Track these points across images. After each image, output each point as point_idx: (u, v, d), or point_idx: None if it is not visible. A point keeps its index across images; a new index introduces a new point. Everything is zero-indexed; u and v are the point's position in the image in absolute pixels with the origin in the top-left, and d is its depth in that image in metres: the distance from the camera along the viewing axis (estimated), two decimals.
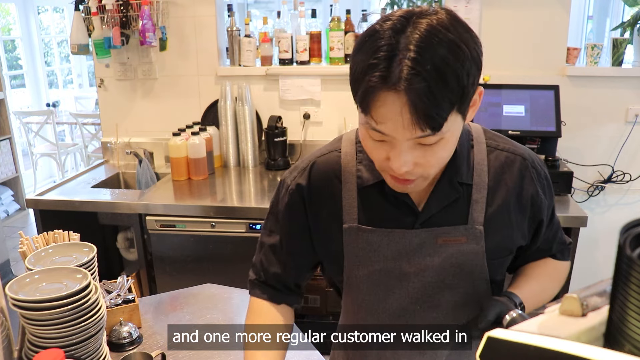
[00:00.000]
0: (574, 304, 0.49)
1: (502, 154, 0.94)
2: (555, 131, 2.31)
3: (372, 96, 0.73)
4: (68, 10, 6.19)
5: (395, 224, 0.93)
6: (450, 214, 0.92)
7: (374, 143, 0.81)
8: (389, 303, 0.96)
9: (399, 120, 0.73)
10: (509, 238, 0.95)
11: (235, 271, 2.31)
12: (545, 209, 0.97)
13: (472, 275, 0.94)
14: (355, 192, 0.94)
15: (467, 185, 0.92)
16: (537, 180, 0.95)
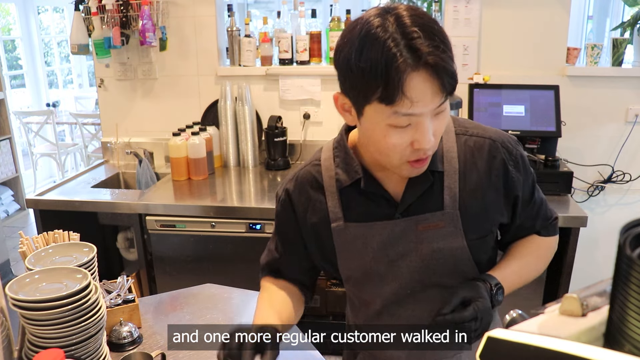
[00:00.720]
0: (574, 304, 0.50)
1: (471, 139, 1.00)
2: (555, 131, 2.31)
3: (405, 81, 0.79)
4: (68, 10, 6.19)
5: (378, 217, 1.00)
6: (427, 202, 0.98)
7: (398, 133, 0.85)
8: (384, 289, 1.03)
9: (428, 93, 0.81)
10: (484, 218, 1.01)
11: (235, 271, 2.31)
12: (520, 186, 1.02)
13: (455, 257, 0.99)
14: (337, 194, 1.02)
15: (439, 173, 0.98)
16: (508, 159, 0.99)
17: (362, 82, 0.82)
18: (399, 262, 1.00)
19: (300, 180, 1.06)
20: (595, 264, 2.71)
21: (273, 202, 2.31)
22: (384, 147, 0.88)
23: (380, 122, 0.85)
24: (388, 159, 0.90)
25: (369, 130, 0.89)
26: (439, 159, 0.98)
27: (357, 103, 0.87)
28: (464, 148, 0.99)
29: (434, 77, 0.80)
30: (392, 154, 0.88)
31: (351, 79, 0.84)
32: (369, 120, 0.87)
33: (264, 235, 2.24)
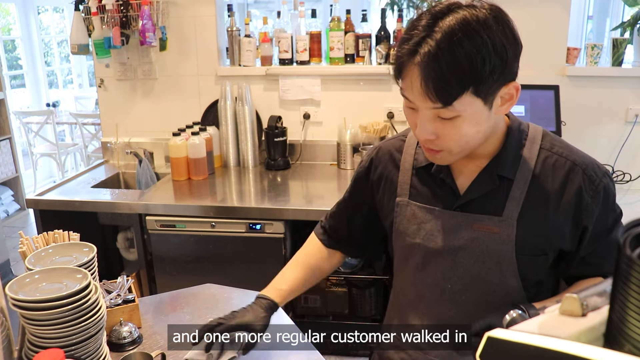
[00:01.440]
0: (574, 304, 0.49)
1: (553, 157, 0.99)
2: (555, 131, 2.31)
3: (400, 67, 0.88)
4: (68, 10, 6.19)
5: (439, 203, 1.03)
6: (488, 204, 1.00)
7: (408, 110, 0.94)
8: (424, 274, 1.06)
9: (416, 89, 0.86)
10: (542, 237, 0.98)
11: (235, 271, 2.31)
12: (594, 218, 0.97)
13: (500, 265, 0.99)
14: (411, 172, 1.08)
15: (509, 180, 0.98)
16: (586, 187, 0.96)
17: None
18: (445, 253, 1.02)
19: (383, 150, 1.14)
20: None
21: (273, 201, 2.33)
22: (405, 115, 0.96)
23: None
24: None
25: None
26: (512, 166, 0.98)
27: None
28: (542, 164, 0.98)
29: (420, 79, 0.85)
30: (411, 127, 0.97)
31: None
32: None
33: (264, 235, 2.24)
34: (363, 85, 2.72)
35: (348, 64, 2.70)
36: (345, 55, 2.69)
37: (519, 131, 1.00)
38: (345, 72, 2.70)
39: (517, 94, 0.90)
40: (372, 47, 2.70)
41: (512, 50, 0.86)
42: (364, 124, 2.69)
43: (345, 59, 2.70)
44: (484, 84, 0.84)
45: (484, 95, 0.86)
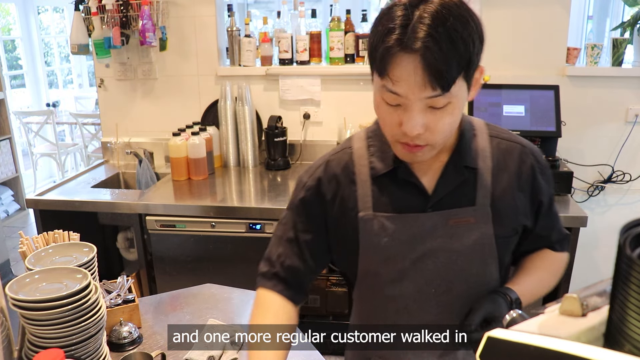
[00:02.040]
0: (574, 304, 0.49)
1: (503, 142, 1.02)
2: (555, 131, 2.31)
3: (390, 58, 0.82)
4: (68, 10, 6.19)
5: (409, 209, 0.99)
6: (458, 197, 0.98)
7: (388, 108, 0.88)
8: (405, 286, 1.00)
9: (412, 79, 0.81)
10: (514, 217, 1.01)
11: (235, 271, 2.31)
12: (545, 193, 1.04)
13: (483, 254, 0.99)
14: (369, 182, 1.00)
15: (472, 170, 0.99)
16: (536, 165, 1.02)
17: (369, 50, 0.87)
18: (425, 258, 0.98)
19: (331, 166, 1.04)
20: (595, 264, 2.71)
21: (273, 201, 2.33)
22: (379, 118, 0.92)
23: (377, 92, 0.89)
24: (384, 131, 0.93)
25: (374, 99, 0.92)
26: (473, 157, 0.99)
27: (371, 70, 0.90)
28: (496, 150, 1.01)
29: (422, 66, 0.80)
30: (384, 127, 0.92)
31: (369, 45, 0.88)
32: (373, 87, 0.90)
33: (264, 235, 2.24)
34: (363, 85, 2.72)
35: (348, 64, 2.70)
36: (345, 55, 2.69)
37: (468, 123, 1.02)
38: (345, 72, 2.70)
39: (481, 77, 0.91)
40: None
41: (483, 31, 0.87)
42: (364, 124, 2.69)
43: (345, 59, 2.70)
44: (471, 66, 0.85)
45: (468, 79, 0.86)
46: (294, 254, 1.07)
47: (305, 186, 1.06)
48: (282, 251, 1.08)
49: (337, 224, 1.04)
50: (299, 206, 1.07)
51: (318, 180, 1.04)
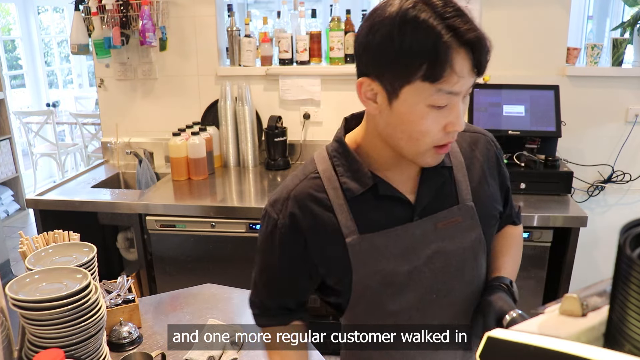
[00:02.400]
0: (574, 304, 0.49)
1: (466, 134, 1.03)
2: (555, 131, 2.31)
3: (453, 57, 0.80)
4: (68, 10, 6.19)
5: (395, 222, 0.95)
6: (441, 200, 0.97)
7: (435, 114, 0.84)
8: (406, 299, 0.97)
9: (467, 69, 0.81)
10: (493, 205, 1.03)
11: (235, 271, 2.31)
12: (508, 178, 1.09)
13: (474, 249, 0.99)
14: (346, 205, 0.94)
15: (448, 169, 0.99)
16: (498, 152, 1.06)
17: (406, 60, 0.80)
18: (422, 266, 0.96)
19: (301, 198, 0.96)
20: (595, 264, 2.71)
21: None
22: (418, 131, 0.85)
23: (420, 102, 0.83)
24: (416, 145, 0.87)
25: (404, 114, 0.85)
26: (446, 155, 0.97)
27: (394, 85, 0.83)
28: (464, 143, 1.02)
29: (471, 56, 0.81)
30: (424, 138, 0.86)
31: (393, 56, 0.81)
32: (406, 103, 0.84)
33: None
34: None
35: (348, 64, 2.70)
36: (345, 55, 2.69)
37: None
38: (345, 72, 2.70)
39: None
40: None
41: None
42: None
43: (345, 59, 2.70)
44: None
45: None
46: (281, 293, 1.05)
47: (277, 224, 0.99)
48: (267, 294, 1.06)
49: (323, 254, 0.97)
50: (277, 245, 1.00)
51: (291, 216, 0.96)
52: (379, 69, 0.84)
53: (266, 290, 1.05)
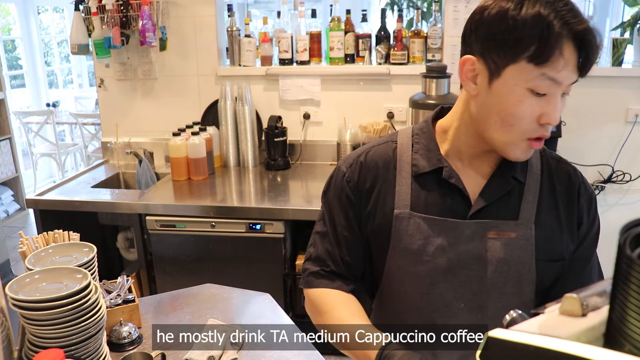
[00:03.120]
0: (574, 304, 0.49)
1: (554, 161, 0.99)
2: (555, 131, 2.31)
3: (563, 43, 0.80)
4: (68, 10, 6.19)
5: (448, 213, 0.94)
6: (502, 209, 0.94)
7: (533, 101, 0.84)
8: (432, 298, 0.95)
9: (573, 64, 0.83)
10: (559, 240, 0.96)
11: (235, 271, 2.31)
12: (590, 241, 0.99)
13: (519, 273, 0.93)
14: (410, 180, 0.96)
15: (520, 183, 0.95)
16: (584, 191, 0.98)
17: (518, 36, 0.81)
18: (458, 268, 0.93)
19: (373, 156, 0.99)
20: None
21: (273, 201, 2.32)
22: (512, 115, 0.85)
23: (521, 84, 0.83)
24: (508, 132, 0.87)
25: (502, 94, 0.85)
26: (522, 169, 0.95)
27: (499, 62, 0.84)
28: (547, 167, 0.98)
29: (578, 50, 0.82)
30: (517, 123, 0.85)
31: (504, 34, 0.82)
32: (507, 83, 0.84)
33: (264, 235, 2.24)
34: (363, 85, 2.72)
35: (348, 64, 2.70)
36: (345, 55, 2.69)
37: None
38: (345, 72, 2.70)
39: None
40: (372, 47, 2.70)
41: None
42: (364, 124, 2.69)
43: (345, 59, 2.70)
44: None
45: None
46: (345, 247, 1.02)
47: (345, 177, 1.01)
48: (332, 246, 1.03)
49: (373, 218, 0.99)
50: (338, 200, 1.02)
51: (359, 167, 1.00)
52: (487, 46, 0.85)
53: (332, 243, 1.03)
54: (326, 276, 1.02)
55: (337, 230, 1.02)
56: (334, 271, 1.02)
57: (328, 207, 1.04)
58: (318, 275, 1.03)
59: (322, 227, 1.05)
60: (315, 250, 1.05)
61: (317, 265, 1.04)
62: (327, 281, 1.02)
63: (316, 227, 1.07)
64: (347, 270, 1.03)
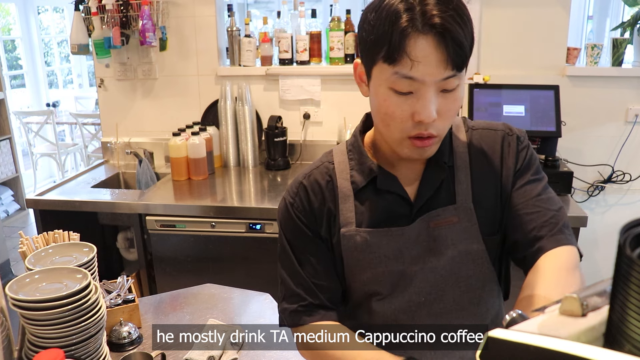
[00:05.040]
0: (574, 304, 0.49)
1: (477, 131, 0.99)
2: (555, 131, 2.31)
3: (406, 39, 0.79)
4: (68, 10, 6.19)
5: (393, 219, 0.95)
6: (439, 199, 0.95)
7: (398, 99, 0.83)
8: (394, 301, 0.96)
9: (431, 59, 0.79)
10: (499, 211, 0.96)
11: (235, 271, 2.31)
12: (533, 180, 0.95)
13: (470, 255, 0.94)
14: (352, 197, 0.96)
15: (450, 168, 0.96)
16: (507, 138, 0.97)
17: (371, 39, 0.83)
18: (412, 267, 0.94)
19: (312, 181, 0.99)
20: (595, 264, 2.71)
21: (273, 201, 2.32)
22: (384, 114, 0.86)
23: (383, 84, 0.84)
24: (389, 131, 0.87)
25: (373, 95, 0.88)
26: (448, 154, 0.95)
27: (367, 65, 0.87)
28: (474, 143, 0.97)
29: (440, 44, 0.79)
30: (392, 122, 0.86)
31: (364, 38, 0.85)
32: (374, 83, 0.86)
33: (264, 235, 2.24)
34: None
35: (348, 64, 2.70)
36: (345, 55, 2.69)
37: None
38: (345, 72, 2.70)
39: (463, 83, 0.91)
40: None
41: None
42: None
43: (345, 59, 2.70)
44: (471, 51, 0.83)
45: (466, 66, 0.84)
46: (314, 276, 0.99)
47: (293, 206, 0.99)
48: (300, 281, 0.99)
49: (324, 241, 0.99)
50: (293, 231, 0.99)
51: (303, 191, 0.98)
52: (361, 49, 0.89)
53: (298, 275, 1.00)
54: (305, 312, 0.99)
55: (303, 261, 0.99)
56: (312, 303, 0.99)
57: (287, 240, 1.01)
58: (297, 312, 0.99)
59: (286, 262, 1.01)
60: (286, 287, 1.01)
61: (293, 302, 1.00)
62: (307, 317, 0.99)
63: (280, 264, 1.03)
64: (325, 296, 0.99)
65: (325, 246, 0.99)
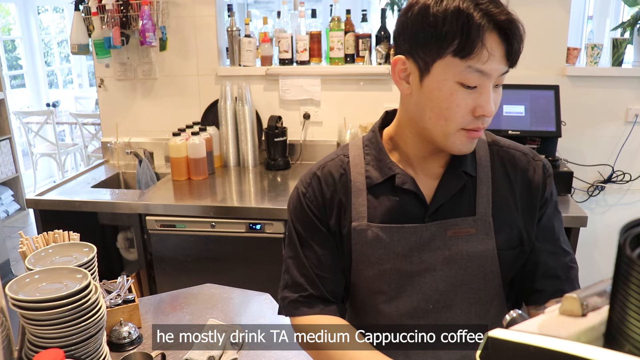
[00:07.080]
0: (574, 304, 0.49)
1: (501, 149, 0.99)
2: (555, 131, 2.31)
3: (484, 33, 0.81)
4: (68, 10, 6.19)
5: (405, 219, 0.95)
6: (457, 207, 0.95)
7: (464, 93, 0.84)
8: (401, 303, 0.96)
9: (499, 54, 0.83)
10: (517, 228, 0.96)
11: (235, 271, 2.31)
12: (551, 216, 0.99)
13: (484, 268, 0.94)
14: (365, 192, 0.96)
15: (472, 178, 0.95)
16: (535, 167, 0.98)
17: (440, 32, 0.82)
18: (423, 271, 0.94)
19: (325, 173, 1.00)
20: (595, 264, 2.71)
21: (273, 201, 2.32)
22: (447, 108, 0.85)
23: (450, 78, 0.84)
24: (444, 125, 0.87)
25: (433, 90, 0.86)
26: (471, 164, 0.95)
27: (426, 59, 0.85)
28: (497, 158, 0.98)
29: (506, 40, 0.82)
30: (453, 116, 0.86)
31: (427, 31, 0.84)
32: (436, 79, 0.85)
33: (264, 235, 2.24)
34: (363, 85, 2.72)
35: (348, 64, 2.70)
36: (345, 55, 2.69)
37: None
38: (345, 72, 2.70)
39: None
40: (372, 47, 2.70)
41: None
42: (364, 124, 2.69)
43: (345, 59, 2.70)
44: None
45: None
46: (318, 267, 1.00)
47: (305, 195, 1.01)
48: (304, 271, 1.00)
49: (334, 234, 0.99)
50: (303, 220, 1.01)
51: (317, 182, 1.00)
52: (414, 45, 0.86)
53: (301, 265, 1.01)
54: (305, 303, 1.00)
55: (309, 251, 1.00)
56: (313, 295, 1.00)
57: (295, 229, 1.02)
58: (297, 302, 1.01)
59: (292, 251, 1.02)
60: (290, 276, 1.02)
61: (294, 291, 1.01)
62: (306, 308, 1.00)
63: (286, 253, 1.04)
64: (327, 289, 1.00)
65: (332, 239, 1.00)
